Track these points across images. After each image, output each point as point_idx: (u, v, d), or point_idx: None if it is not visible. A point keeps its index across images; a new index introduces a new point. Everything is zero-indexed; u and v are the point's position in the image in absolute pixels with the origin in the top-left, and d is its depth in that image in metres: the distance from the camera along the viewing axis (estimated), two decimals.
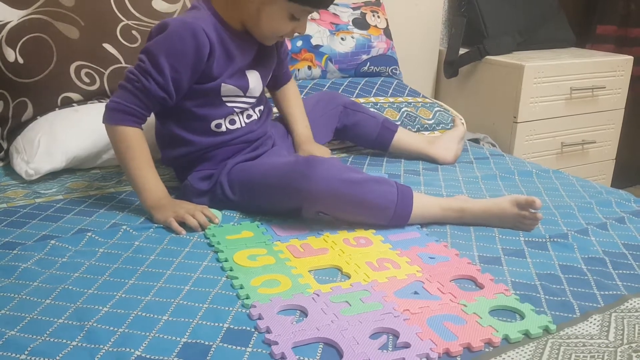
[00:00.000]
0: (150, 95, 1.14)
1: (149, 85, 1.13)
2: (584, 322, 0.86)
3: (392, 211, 1.13)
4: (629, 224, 1.20)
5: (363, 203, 1.11)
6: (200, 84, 1.19)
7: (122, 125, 1.15)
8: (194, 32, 1.13)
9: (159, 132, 1.28)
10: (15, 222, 1.13)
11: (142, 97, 1.14)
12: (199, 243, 1.08)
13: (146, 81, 1.13)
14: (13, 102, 1.45)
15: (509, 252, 1.07)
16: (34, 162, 1.32)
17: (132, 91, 1.14)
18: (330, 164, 1.13)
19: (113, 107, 1.15)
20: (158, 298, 0.89)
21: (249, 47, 1.25)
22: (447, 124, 1.79)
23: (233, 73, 1.22)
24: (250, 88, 1.26)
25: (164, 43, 1.14)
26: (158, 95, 1.14)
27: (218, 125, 1.24)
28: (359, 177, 1.13)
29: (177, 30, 1.14)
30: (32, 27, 1.44)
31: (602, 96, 2.28)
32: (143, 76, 1.13)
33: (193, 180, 1.24)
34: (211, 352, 0.77)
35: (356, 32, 1.99)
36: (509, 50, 2.27)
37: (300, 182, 1.11)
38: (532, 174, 1.50)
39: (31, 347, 0.75)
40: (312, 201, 1.12)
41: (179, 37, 1.13)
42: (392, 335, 0.82)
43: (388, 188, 1.13)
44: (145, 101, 1.15)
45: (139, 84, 1.13)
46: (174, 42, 1.13)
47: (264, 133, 1.32)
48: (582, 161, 2.34)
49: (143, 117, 1.17)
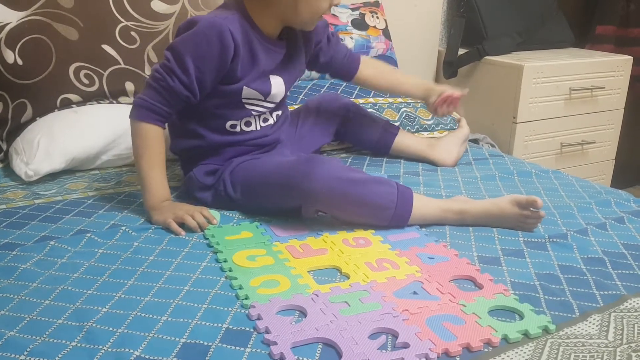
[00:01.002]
0: (174, 94, 1.15)
1: (173, 85, 1.14)
2: (584, 322, 0.86)
3: (392, 212, 1.13)
4: (628, 224, 1.20)
5: (363, 203, 1.12)
6: (224, 84, 1.19)
7: (145, 122, 1.16)
8: (220, 33, 1.13)
9: (172, 121, 1.28)
10: (15, 223, 1.13)
11: (166, 96, 1.16)
12: (198, 244, 1.08)
13: (171, 80, 1.14)
14: (12, 104, 1.45)
15: (508, 252, 1.07)
16: (33, 163, 1.32)
17: (157, 89, 1.15)
18: (331, 163, 1.13)
19: (139, 104, 1.17)
20: (157, 298, 0.89)
21: (276, 52, 1.25)
22: (446, 125, 1.79)
23: (257, 77, 1.21)
24: (272, 93, 1.25)
25: (190, 42, 1.14)
26: (182, 94, 1.15)
27: (233, 126, 1.25)
28: (359, 177, 1.13)
29: (205, 30, 1.14)
30: (31, 28, 1.44)
31: (602, 96, 2.28)
32: (168, 75, 1.15)
33: (198, 173, 1.25)
34: (210, 352, 0.77)
35: (355, 32, 2.00)
36: (508, 50, 2.27)
37: (301, 181, 1.11)
38: (531, 174, 1.50)
39: (31, 348, 0.75)
40: (313, 200, 1.12)
41: (206, 38, 1.13)
42: (391, 335, 0.82)
43: (388, 189, 1.13)
44: (170, 99, 1.16)
45: (164, 83, 1.15)
46: (200, 43, 1.14)
47: (276, 139, 1.32)
48: (582, 161, 2.34)
49: (167, 116, 1.18)
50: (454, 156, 1.56)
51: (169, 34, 1.58)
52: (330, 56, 1.42)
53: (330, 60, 1.42)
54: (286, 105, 1.40)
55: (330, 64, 1.43)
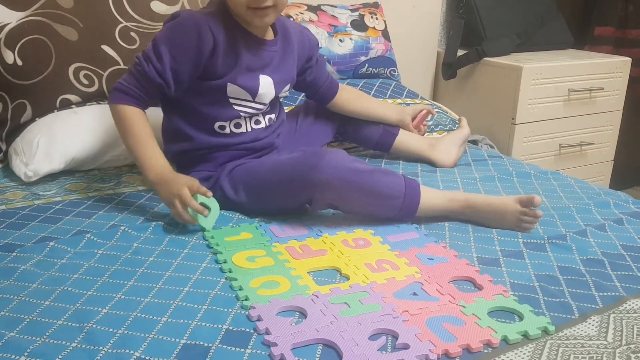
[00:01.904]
0: (148, 79, 1.17)
1: (148, 70, 1.17)
2: (583, 323, 0.86)
3: (401, 201, 1.14)
4: (627, 225, 1.21)
5: (373, 191, 1.12)
6: (206, 80, 1.20)
7: (121, 104, 1.18)
8: (198, 26, 1.16)
9: (164, 126, 1.30)
10: (15, 224, 1.13)
11: (141, 81, 1.18)
12: (197, 244, 1.08)
13: (146, 65, 1.17)
14: (12, 104, 1.45)
15: (507, 253, 1.08)
16: (33, 163, 1.32)
17: (134, 74, 1.19)
18: (338, 154, 1.14)
19: (116, 88, 1.19)
20: (157, 299, 0.89)
21: (265, 51, 1.25)
22: (445, 125, 1.80)
23: (242, 74, 1.21)
24: (259, 93, 1.24)
25: (168, 33, 1.18)
26: (155, 81, 1.17)
27: (222, 127, 1.25)
28: (367, 168, 1.15)
29: (183, 22, 1.18)
30: (30, 29, 1.44)
31: (600, 97, 2.28)
32: (145, 61, 1.18)
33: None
34: (210, 353, 0.77)
35: (355, 33, 2.00)
36: (507, 51, 2.27)
37: (311, 173, 1.12)
38: (530, 175, 1.50)
39: (31, 349, 0.75)
40: (323, 190, 1.12)
41: (183, 29, 1.17)
42: (391, 336, 0.82)
43: (396, 179, 1.15)
44: (145, 85, 1.18)
45: (139, 68, 1.18)
46: (177, 34, 1.17)
47: (270, 143, 1.32)
48: (581, 162, 2.34)
49: (142, 100, 1.19)
50: (453, 157, 1.56)
51: None
52: (314, 76, 1.42)
53: (314, 80, 1.42)
54: (283, 110, 1.40)
55: (313, 84, 1.43)
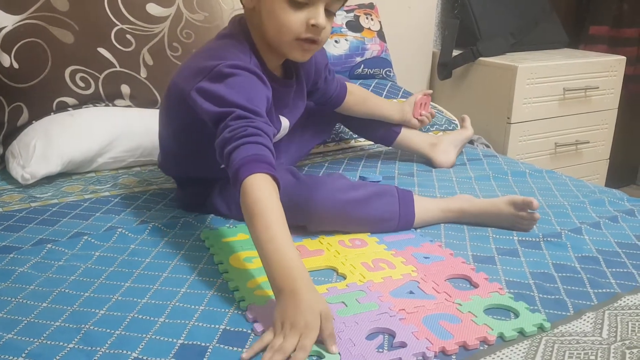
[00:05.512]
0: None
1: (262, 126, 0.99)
2: (578, 319, 0.87)
3: (396, 222, 1.14)
4: (622, 222, 1.21)
5: (368, 219, 1.13)
6: None
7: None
8: (255, 72, 1.05)
9: (169, 149, 1.23)
10: (11, 227, 1.13)
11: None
12: (194, 246, 1.08)
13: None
14: (8, 107, 1.45)
15: (502, 251, 1.08)
16: (29, 166, 1.32)
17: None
18: (333, 184, 1.13)
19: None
20: (154, 300, 0.89)
21: (282, 92, 1.19)
22: (441, 125, 1.80)
23: (270, 116, 1.10)
24: (277, 135, 1.21)
25: (238, 88, 1.01)
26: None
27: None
28: (361, 195, 1.12)
29: (244, 75, 1.03)
30: (27, 32, 1.44)
31: (596, 96, 2.29)
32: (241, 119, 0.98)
33: (186, 195, 1.25)
34: (208, 353, 0.77)
35: (350, 34, 2.00)
36: (502, 51, 2.28)
37: (304, 205, 1.10)
38: (525, 174, 1.50)
39: (28, 350, 0.76)
40: (318, 222, 1.12)
41: (250, 81, 1.04)
42: (388, 335, 0.82)
43: (390, 199, 1.14)
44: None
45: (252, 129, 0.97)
46: (251, 85, 1.04)
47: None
48: (576, 161, 2.35)
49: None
50: (452, 159, 1.56)
51: (164, 36, 1.58)
52: (322, 92, 1.39)
53: (322, 95, 1.40)
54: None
55: (322, 98, 1.41)
